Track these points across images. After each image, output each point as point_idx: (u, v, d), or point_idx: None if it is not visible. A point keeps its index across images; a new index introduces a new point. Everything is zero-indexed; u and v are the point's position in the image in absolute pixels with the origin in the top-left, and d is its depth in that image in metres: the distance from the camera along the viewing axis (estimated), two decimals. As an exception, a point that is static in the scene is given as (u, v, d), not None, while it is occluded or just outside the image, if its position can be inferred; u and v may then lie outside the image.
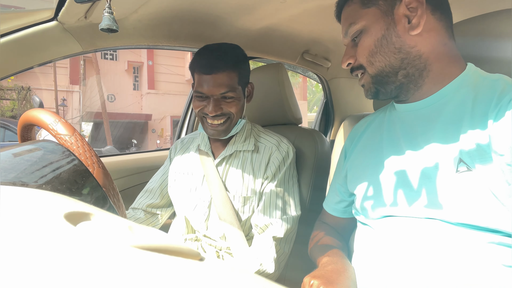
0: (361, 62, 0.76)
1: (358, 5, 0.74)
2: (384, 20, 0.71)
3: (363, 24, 0.73)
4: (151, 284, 0.14)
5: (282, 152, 1.08)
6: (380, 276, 0.68)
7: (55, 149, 0.48)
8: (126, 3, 1.01)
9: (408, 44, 0.70)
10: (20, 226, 0.18)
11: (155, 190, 1.23)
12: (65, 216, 0.21)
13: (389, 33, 0.71)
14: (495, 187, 0.59)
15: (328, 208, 0.97)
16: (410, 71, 0.72)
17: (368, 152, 0.83)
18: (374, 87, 0.77)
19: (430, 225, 0.65)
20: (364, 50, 0.74)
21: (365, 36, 0.74)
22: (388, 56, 0.72)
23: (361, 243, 0.79)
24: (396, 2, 0.70)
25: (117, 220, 0.22)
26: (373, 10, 0.72)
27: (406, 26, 0.70)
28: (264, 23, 1.33)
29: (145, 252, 0.18)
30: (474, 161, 0.61)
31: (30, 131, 0.71)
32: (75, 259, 0.15)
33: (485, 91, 0.66)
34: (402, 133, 0.75)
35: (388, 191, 0.73)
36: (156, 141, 16.07)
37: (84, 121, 15.06)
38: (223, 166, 1.10)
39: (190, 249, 0.20)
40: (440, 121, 0.69)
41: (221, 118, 1.04)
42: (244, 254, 1.01)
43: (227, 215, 1.03)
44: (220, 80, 1.00)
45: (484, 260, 0.59)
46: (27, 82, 13.29)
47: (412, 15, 0.69)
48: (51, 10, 0.98)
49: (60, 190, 0.41)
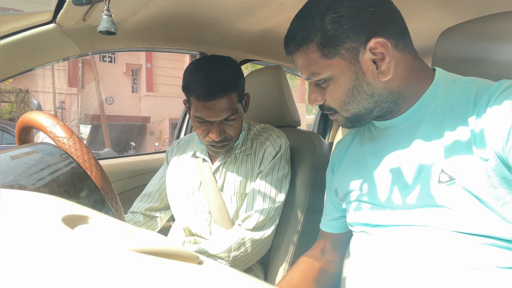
0: (332, 107, 0.73)
1: (318, 54, 0.68)
2: (350, 69, 0.67)
3: (329, 74, 0.69)
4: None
5: (276, 146, 1.08)
6: (375, 282, 0.68)
7: (53, 152, 0.47)
8: (124, 6, 1.01)
9: (379, 88, 0.69)
10: (18, 229, 0.18)
11: (153, 194, 1.22)
12: (63, 219, 0.21)
13: (359, 83, 0.68)
14: (481, 193, 0.59)
15: (325, 227, 0.93)
16: (385, 106, 0.71)
17: (354, 166, 0.82)
18: (350, 123, 0.76)
19: (422, 231, 0.65)
20: (335, 100, 0.71)
21: (334, 86, 0.70)
22: (361, 103, 0.70)
23: (356, 249, 0.79)
24: (360, 49, 0.66)
25: (115, 223, 0.22)
26: (337, 60, 0.67)
27: (375, 72, 0.67)
28: (263, 25, 1.34)
29: (143, 256, 0.18)
30: (456, 169, 0.61)
31: (28, 134, 0.71)
32: (73, 262, 0.15)
33: (460, 96, 0.65)
34: (384, 148, 0.75)
35: (377, 202, 0.73)
36: (154, 144, 16.06)
37: (82, 124, 15.04)
38: (220, 171, 1.10)
39: (188, 252, 0.20)
40: (420, 133, 0.68)
41: (225, 141, 1.03)
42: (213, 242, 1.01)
43: (223, 221, 1.04)
44: (222, 106, 0.96)
45: (477, 263, 0.59)
46: (25, 85, 13.29)
47: (379, 59, 0.66)
48: (50, 12, 0.98)
49: (58, 193, 0.41)
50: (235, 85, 0.99)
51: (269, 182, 1.06)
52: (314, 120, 2.30)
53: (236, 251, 0.99)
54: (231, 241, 0.99)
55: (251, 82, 1.40)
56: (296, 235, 1.15)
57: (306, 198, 1.17)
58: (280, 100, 1.30)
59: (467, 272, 0.59)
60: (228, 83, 0.97)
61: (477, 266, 0.58)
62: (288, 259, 1.12)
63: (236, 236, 1.00)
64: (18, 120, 0.67)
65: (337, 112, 0.74)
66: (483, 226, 0.59)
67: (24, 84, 13.30)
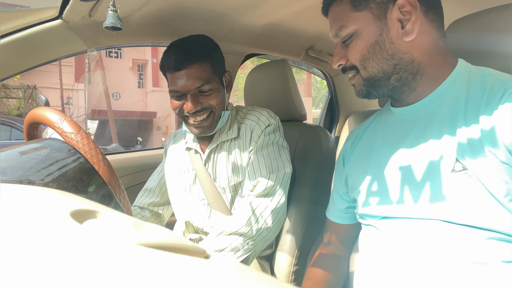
0: (353, 63, 0.74)
1: (348, 6, 0.71)
2: (376, 24, 0.69)
3: (355, 28, 0.70)
4: (156, 282, 0.14)
5: (262, 125, 1.05)
6: (383, 276, 0.68)
7: (61, 147, 0.48)
8: (130, 1, 1.01)
9: (401, 50, 0.69)
10: (27, 224, 0.18)
11: (154, 188, 1.23)
12: (71, 214, 0.21)
13: (382, 39, 0.69)
14: (491, 185, 0.58)
15: (332, 216, 0.94)
16: (403, 75, 0.71)
17: (366, 158, 0.82)
18: (365, 89, 0.76)
19: (430, 225, 0.65)
20: (356, 53, 0.72)
21: (357, 40, 0.71)
22: (381, 62, 0.70)
23: (365, 243, 0.79)
24: (389, 6, 0.68)
25: (123, 218, 0.22)
26: (365, 13, 0.69)
27: (400, 32, 0.68)
28: (268, 19, 1.33)
29: (150, 250, 0.18)
30: (469, 160, 0.61)
31: (36, 130, 0.72)
32: (81, 256, 0.15)
33: (476, 88, 0.65)
34: (399, 137, 0.74)
35: (387, 194, 0.73)
36: (161, 139, 16.13)
37: (90, 119, 15.14)
38: (211, 160, 1.08)
39: (195, 246, 0.20)
40: (436, 122, 0.68)
41: (203, 113, 1.00)
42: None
43: (221, 210, 1.04)
44: (193, 74, 0.96)
45: (483, 257, 0.58)
46: (33, 81, 13.39)
47: (406, 20, 0.67)
48: (56, 8, 0.98)
49: (66, 188, 0.42)
50: (207, 55, 0.99)
51: (266, 154, 1.03)
52: (320, 114, 2.29)
53: (257, 223, 0.94)
54: (247, 212, 0.95)
55: (256, 76, 1.39)
56: (302, 228, 1.15)
57: (311, 191, 1.17)
58: (286, 94, 1.29)
59: (473, 266, 0.58)
60: (197, 52, 0.97)
61: (483, 260, 0.58)
62: (294, 253, 1.13)
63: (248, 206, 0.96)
64: (26, 116, 0.68)
65: (358, 72, 0.74)
66: (490, 219, 0.59)
67: (32, 80, 13.40)
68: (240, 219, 0.94)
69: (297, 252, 1.12)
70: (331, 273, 0.87)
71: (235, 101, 14.88)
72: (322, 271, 0.87)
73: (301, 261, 1.13)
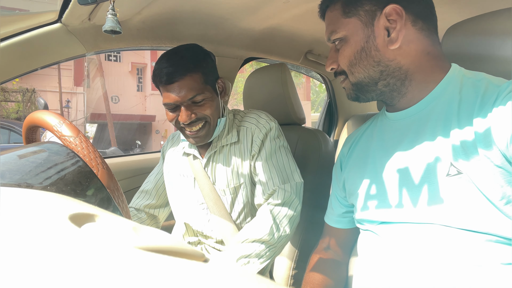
0: (343, 69, 0.76)
1: (340, 12, 0.73)
2: (364, 32, 0.70)
3: (344, 33, 0.72)
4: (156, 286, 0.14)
5: (263, 129, 1.05)
6: (382, 281, 0.68)
7: (59, 151, 0.48)
8: (129, 5, 1.01)
9: (387, 57, 0.70)
10: (25, 228, 0.18)
11: (150, 191, 1.22)
12: (70, 218, 0.21)
13: (368, 46, 0.70)
14: (487, 189, 0.59)
15: (330, 220, 0.94)
16: (391, 81, 0.72)
17: (363, 162, 0.82)
18: (354, 93, 0.77)
19: (427, 229, 0.65)
20: (344, 59, 0.74)
21: (345, 46, 0.73)
22: (367, 69, 0.72)
23: (363, 249, 0.79)
24: (377, 14, 0.69)
25: (122, 221, 0.22)
26: (354, 20, 0.71)
27: (386, 40, 0.69)
28: (267, 23, 1.33)
29: (149, 253, 0.18)
30: (464, 164, 0.61)
31: (35, 133, 0.71)
32: (80, 260, 0.15)
33: (469, 92, 0.66)
34: (395, 141, 0.75)
35: (384, 199, 0.73)
36: (160, 142, 16.11)
37: (89, 123, 15.13)
38: (210, 164, 1.09)
39: (194, 250, 0.20)
40: (430, 126, 0.68)
41: (198, 123, 1.00)
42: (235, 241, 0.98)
43: (220, 214, 1.04)
44: (185, 86, 0.96)
45: (482, 260, 0.58)
46: (32, 84, 13.39)
47: (392, 28, 0.68)
48: (55, 12, 0.98)
49: (65, 191, 0.41)
50: (197, 66, 0.98)
51: (275, 161, 1.04)
52: (319, 118, 2.29)
53: (278, 231, 0.96)
54: (269, 220, 0.96)
55: (255, 80, 1.40)
56: (301, 232, 1.15)
57: (310, 195, 1.16)
58: (285, 98, 1.30)
59: (472, 269, 0.58)
60: (187, 64, 0.97)
61: (481, 263, 0.58)
62: (293, 257, 1.12)
63: (269, 214, 0.97)
64: (25, 120, 0.67)
65: (347, 77, 0.76)
66: (487, 223, 0.59)
67: (31, 83, 13.40)
68: (263, 226, 0.96)
69: (296, 256, 1.12)
70: (330, 277, 0.87)
71: (234, 105, 14.89)
72: (320, 275, 0.87)
73: (300, 265, 1.12)
